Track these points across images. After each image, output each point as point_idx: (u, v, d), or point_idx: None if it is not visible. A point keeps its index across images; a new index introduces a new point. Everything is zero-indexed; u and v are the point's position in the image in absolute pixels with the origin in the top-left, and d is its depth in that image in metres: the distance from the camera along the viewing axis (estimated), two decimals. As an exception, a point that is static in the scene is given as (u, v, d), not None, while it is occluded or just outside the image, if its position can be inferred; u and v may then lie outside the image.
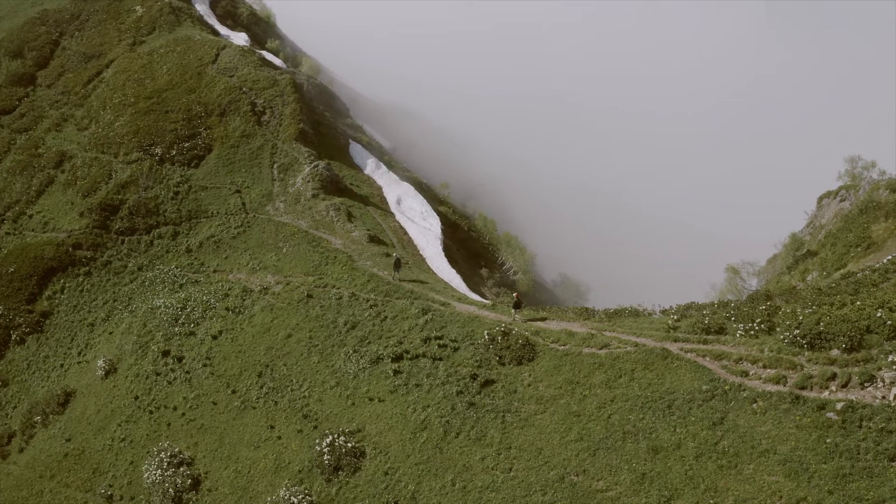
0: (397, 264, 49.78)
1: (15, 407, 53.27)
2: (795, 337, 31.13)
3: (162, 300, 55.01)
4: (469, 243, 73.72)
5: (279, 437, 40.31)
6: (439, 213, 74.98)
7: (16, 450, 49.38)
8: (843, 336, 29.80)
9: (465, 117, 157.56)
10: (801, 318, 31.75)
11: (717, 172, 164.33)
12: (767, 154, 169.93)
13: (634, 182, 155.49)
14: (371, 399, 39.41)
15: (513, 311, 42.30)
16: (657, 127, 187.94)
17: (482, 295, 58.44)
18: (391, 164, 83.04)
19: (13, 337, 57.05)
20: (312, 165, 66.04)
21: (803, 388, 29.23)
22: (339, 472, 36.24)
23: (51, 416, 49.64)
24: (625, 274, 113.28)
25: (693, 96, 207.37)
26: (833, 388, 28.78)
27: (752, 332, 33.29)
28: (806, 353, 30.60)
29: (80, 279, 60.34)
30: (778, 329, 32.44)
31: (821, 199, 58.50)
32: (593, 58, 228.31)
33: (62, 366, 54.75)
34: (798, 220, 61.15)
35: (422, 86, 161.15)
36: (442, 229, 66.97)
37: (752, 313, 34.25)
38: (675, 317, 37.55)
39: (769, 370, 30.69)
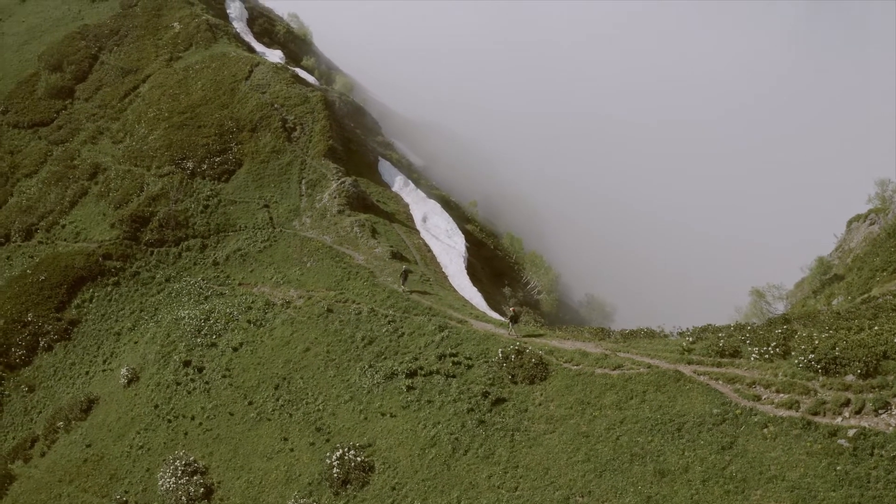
0: (405, 275, 50.51)
1: (40, 412, 54.23)
2: (810, 361, 30.56)
3: (187, 311, 55.74)
4: (494, 261, 73.70)
5: (292, 450, 40.55)
6: (466, 232, 75.19)
7: (38, 454, 50.22)
8: (859, 361, 29.16)
9: (500, 135, 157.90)
10: (816, 342, 31.19)
11: (752, 183, 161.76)
12: (799, 162, 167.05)
13: (667, 196, 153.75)
14: (383, 414, 39.52)
15: (510, 325, 42.81)
16: (687, 137, 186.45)
17: (503, 313, 58.31)
18: (419, 182, 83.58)
19: (41, 344, 58.14)
20: (339, 182, 66.63)
21: (816, 413, 28.67)
22: (348, 486, 36.33)
23: (73, 421, 50.45)
24: (655, 293, 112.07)
25: (721, 105, 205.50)
26: (846, 414, 28.19)
27: (766, 356, 32.74)
28: (820, 378, 30.01)
29: (109, 289, 61.31)
30: (793, 353, 31.86)
31: (850, 222, 57.60)
32: (622, 71, 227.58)
33: (87, 373, 55.66)
34: (828, 234, 60.38)
35: (456, 103, 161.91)
36: (467, 247, 67.12)
37: (767, 337, 33.71)
38: (691, 339, 37.09)
39: (782, 395, 30.17)
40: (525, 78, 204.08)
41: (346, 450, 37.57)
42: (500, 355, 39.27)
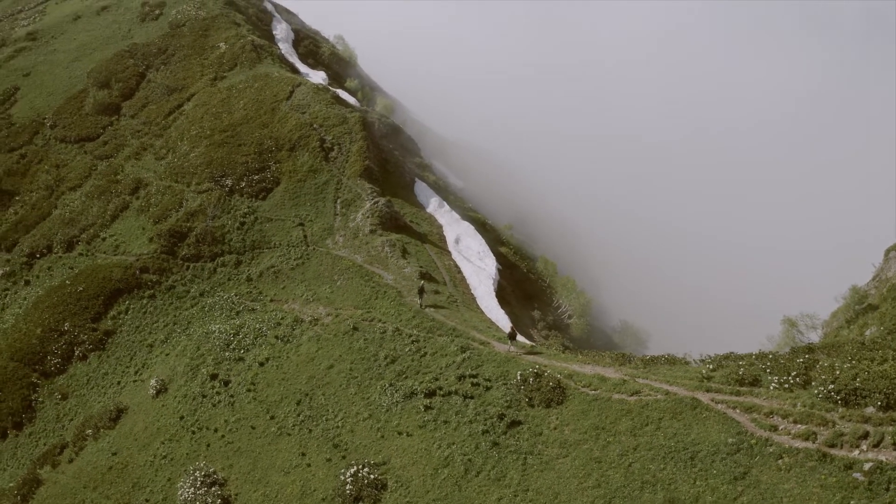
0: (421, 291, 51.45)
1: (71, 419, 55.36)
2: (830, 392, 29.94)
3: (217, 325, 56.57)
4: (525, 285, 73.38)
5: (308, 465, 40.78)
6: (499, 254, 75.04)
7: (66, 460, 51.24)
8: (880, 393, 28.48)
9: (542, 157, 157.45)
10: (838, 372, 30.56)
11: (793, 207, 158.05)
12: (842, 186, 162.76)
13: (710, 217, 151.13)
14: (400, 433, 39.58)
15: (509, 341, 44.08)
16: (729, 157, 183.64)
17: (529, 336, 58.10)
18: (455, 204, 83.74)
19: (76, 353, 59.43)
20: (373, 202, 67.16)
21: (832, 445, 28.02)
22: (359, 503, 36.35)
23: (102, 430, 51.42)
24: (694, 317, 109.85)
25: (765, 126, 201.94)
26: (864, 447, 27.50)
27: (786, 386, 32.13)
28: (839, 410, 29.34)
29: (145, 301, 62.50)
30: (814, 383, 31.26)
31: (888, 251, 56.04)
32: (661, 90, 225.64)
33: (119, 383, 56.67)
34: (868, 262, 58.87)
35: (499, 126, 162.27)
36: (498, 269, 66.92)
37: (788, 366, 33.09)
38: (711, 366, 36.54)
39: (799, 426, 29.54)
40: (567, 99, 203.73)
41: (360, 467, 37.69)
42: (519, 378, 39.13)
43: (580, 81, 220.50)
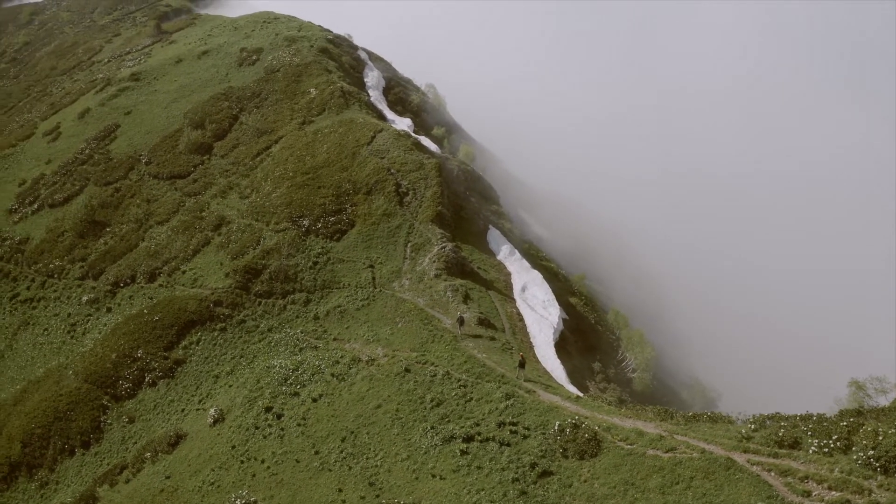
0: (461, 321, 53.48)
1: (135, 443, 57.52)
2: (869, 458, 28.50)
3: (279, 360, 58.00)
4: (590, 336, 72.34)
5: (343, 501, 41.09)
6: (569, 304, 74.47)
7: (123, 480, 53.18)
8: (921, 464, 26.95)
9: (629, 203, 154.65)
10: (881, 437, 29.05)
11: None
12: None
13: (798, 262, 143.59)
14: (434, 476, 39.55)
15: (518, 370, 46.35)
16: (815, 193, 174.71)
17: (584, 388, 57.17)
18: (528, 252, 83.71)
19: (147, 379, 61.93)
20: (440, 247, 68.01)
21: (865, 517, 26.60)
22: (384, 543, 36.42)
23: (160, 453, 53.26)
24: (779, 375, 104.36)
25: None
26: (898, 521, 26.00)
27: (826, 450, 30.71)
28: (878, 478, 27.89)
29: (216, 334, 64.73)
30: (854, 448, 29.77)
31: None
32: (744, 127, 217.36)
33: (183, 410, 58.69)
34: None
35: (585, 173, 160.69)
36: (564, 320, 66.42)
37: (830, 429, 31.62)
38: (753, 426, 35.25)
39: (834, 492, 28.18)
40: (651, 143, 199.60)
41: (389, 506, 37.84)
42: (557, 428, 38.69)
43: (667, 119, 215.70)
